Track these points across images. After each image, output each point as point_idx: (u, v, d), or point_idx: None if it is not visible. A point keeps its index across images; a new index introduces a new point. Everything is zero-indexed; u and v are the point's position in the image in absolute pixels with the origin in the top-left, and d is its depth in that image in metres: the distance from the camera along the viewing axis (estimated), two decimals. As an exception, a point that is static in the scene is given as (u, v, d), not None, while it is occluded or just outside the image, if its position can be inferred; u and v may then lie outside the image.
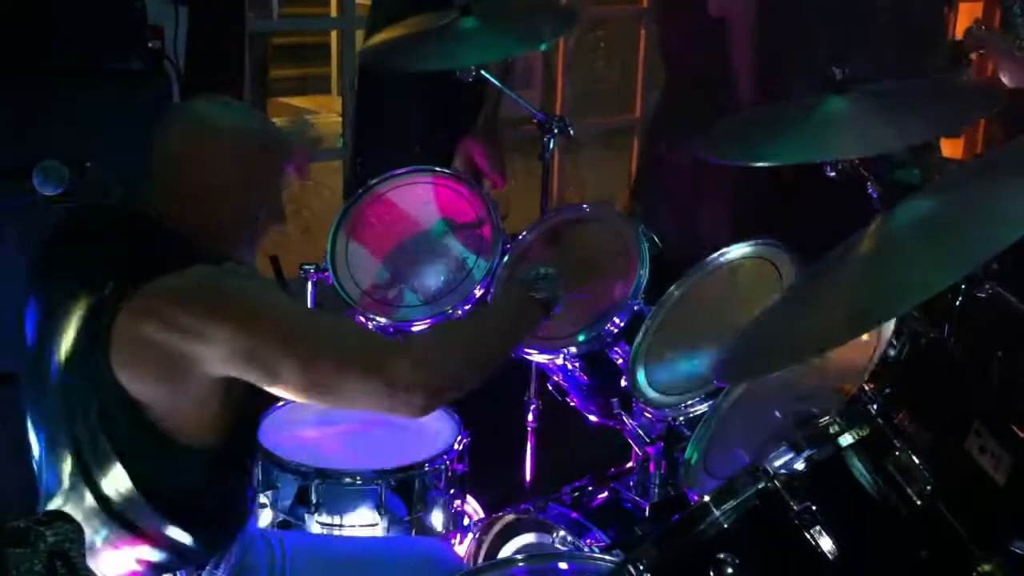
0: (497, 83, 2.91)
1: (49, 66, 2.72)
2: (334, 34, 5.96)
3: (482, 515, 2.72)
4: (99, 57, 2.77)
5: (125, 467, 1.82)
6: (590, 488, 2.66)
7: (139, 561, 1.89)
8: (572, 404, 2.58)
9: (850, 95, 2.13)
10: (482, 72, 2.74)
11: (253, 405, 1.91)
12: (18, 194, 2.25)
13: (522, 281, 2.02)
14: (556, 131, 2.87)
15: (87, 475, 1.85)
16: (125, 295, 1.73)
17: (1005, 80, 3.09)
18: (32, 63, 2.71)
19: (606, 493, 2.64)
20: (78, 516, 1.86)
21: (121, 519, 1.85)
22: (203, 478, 1.87)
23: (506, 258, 2.52)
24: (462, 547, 2.53)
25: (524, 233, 2.56)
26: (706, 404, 2.16)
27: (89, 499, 1.85)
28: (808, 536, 1.57)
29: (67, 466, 1.88)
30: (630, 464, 2.71)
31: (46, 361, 1.88)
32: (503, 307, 2.08)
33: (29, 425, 1.95)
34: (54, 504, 1.90)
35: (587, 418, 2.56)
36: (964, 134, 4.97)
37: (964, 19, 4.50)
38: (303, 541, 2.15)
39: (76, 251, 1.89)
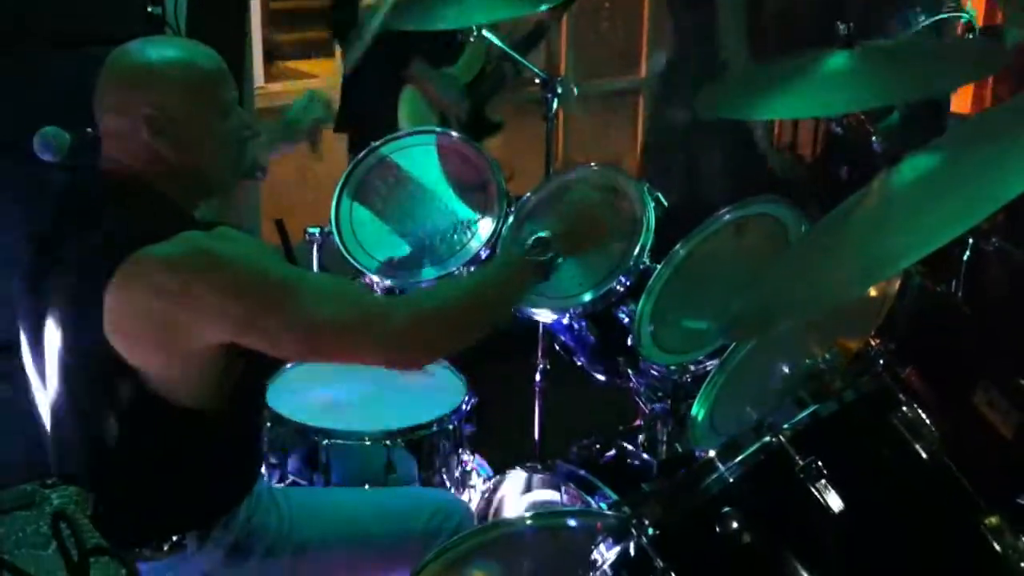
0: (498, 43, 2.89)
1: (48, 32, 2.71)
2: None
3: (491, 474, 2.73)
4: (99, 23, 2.75)
5: (129, 433, 1.83)
6: (598, 446, 2.68)
7: (147, 523, 1.91)
8: (579, 363, 2.58)
9: (855, 51, 2.11)
10: (483, 32, 2.73)
11: (255, 368, 1.91)
12: (18, 162, 2.25)
13: (520, 244, 2.02)
14: (560, 91, 2.86)
15: (92, 440, 1.86)
16: (115, 265, 1.72)
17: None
18: (31, 30, 2.69)
19: (614, 451, 2.65)
20: (84, 480, 1.89)
21: (127, 483, 1.86)
22: (209, 441, 1.88)
23: (511, 219, 2.52)
24: (471, 505, 2.54)
25: (528, 194, 2.55)
26: (713, 361, 2.16)
27: (95, 463, 1.87)
28: (813, 490, 1.57)
29: (72, 432, 1.89)
30: (637, 422, 2.72)
31: (45, 332, 1.89)
32: (500, 269, 2.07)
33: (34, 392, 1.96)
34: (60, 468, 1.91)
35: (594, 377, 2.56)
36: (972, 90, 4.93)
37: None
38: (310, 496, 2.17)
39: (69, 222, 1.89)
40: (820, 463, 1.58)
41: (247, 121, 2.00)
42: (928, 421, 1.67)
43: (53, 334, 1.86)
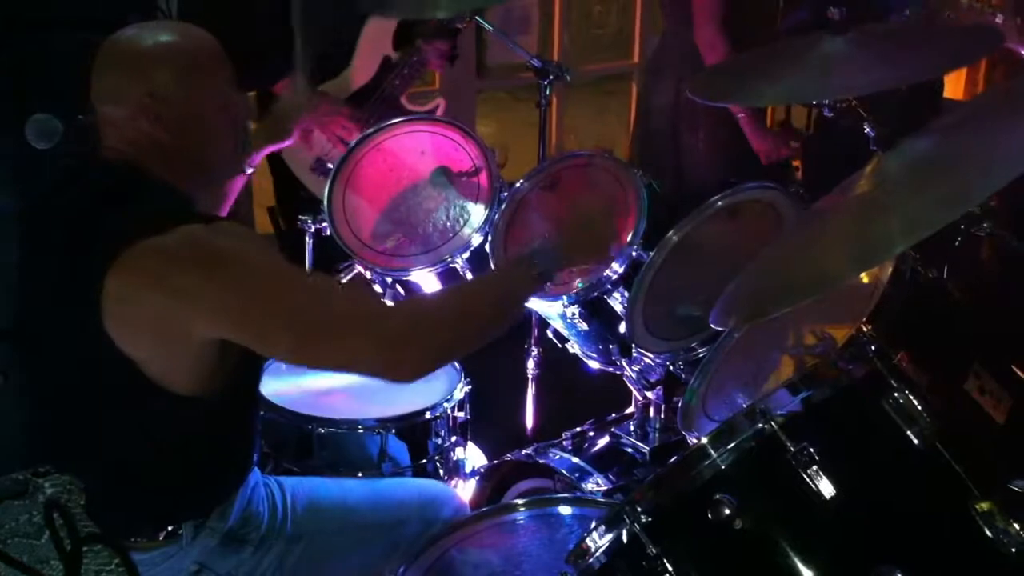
0: (491, 27, 2.89)
1: (42, 18, 2.69)
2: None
3: (484, 461, 2.73)
4: (93, 8, 2.73)
5: (125, 421, 1.82)
6: (591, 433, 2.68)
7: (141, 512, 1.90)
8: (572, 351, 2.58)
9: (848, 35, 2.11)
10: (477, 19, 2.73)
11: (252, 359, 1.90)
12: (14, 147, 2.24)
13: (520, 256, 1.99)
14: (553, 77, 2.86)
15: (88, 429, 1.86)
16: (115, 255, 1.71)
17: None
18: (24, 15, 2.68)
19: (607, 438, 2.66)
20: (79, 469, 1.89)
21: (122, 471, 1.86)
22: (204, 429, 1.87)
23: (503, 206, 2.51)
24: (464, 493, 2.55)
25: (521, 181, 2.55)
26: (705, 348, 2.17)
27: (90, 452, 1.86)
28: (805, 476, 1.57)
29: (66, 421, 1.89)
30: (630, 409, 2.72)
31: (41, 320, 1.88)
32: (499, 280, 2.05)
33: (27, 381, 1.95)
34: (54, 457, 1.91)
35: (587, 364, 2.56)
36: (966, 75, 4.93)
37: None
38: (305, 486, 2.16)
39: (65, 211, 1.88)
40: (812, 449, 1.58)
41: (244, 105, 1.99)
42: (920, 407, 1.67)
43: (48, 323, 1.85)
